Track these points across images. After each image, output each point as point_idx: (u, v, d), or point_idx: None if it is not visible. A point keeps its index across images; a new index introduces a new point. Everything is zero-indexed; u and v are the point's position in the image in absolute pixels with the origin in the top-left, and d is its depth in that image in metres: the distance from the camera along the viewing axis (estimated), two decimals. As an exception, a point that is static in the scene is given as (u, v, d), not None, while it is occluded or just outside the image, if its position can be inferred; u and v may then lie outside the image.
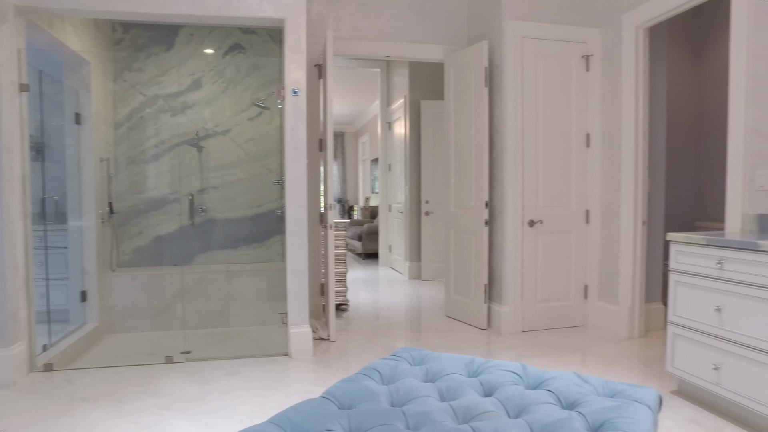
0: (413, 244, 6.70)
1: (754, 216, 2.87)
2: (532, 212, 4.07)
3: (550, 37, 4.05)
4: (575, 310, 4.23)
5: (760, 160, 2.87)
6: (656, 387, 2.89)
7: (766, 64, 2.83)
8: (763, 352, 2.26)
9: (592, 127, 4.19)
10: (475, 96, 4.16)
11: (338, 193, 13.47)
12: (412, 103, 6.60)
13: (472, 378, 1.76)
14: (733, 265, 2.39)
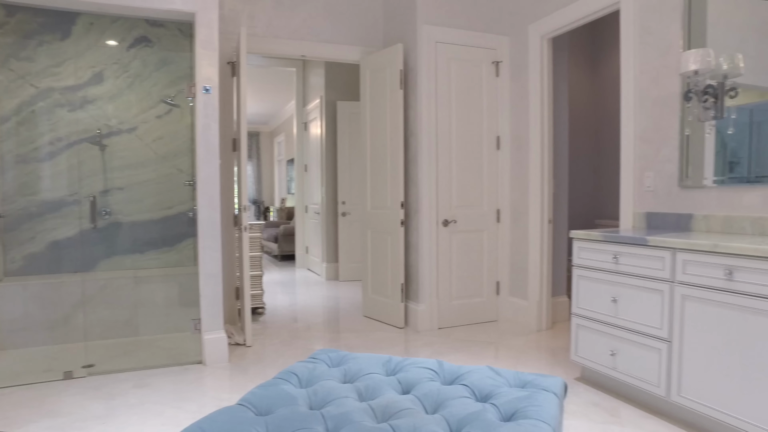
0: (330, 245, 6.68)
1: (642, 214, 3.14)
2: (446, 212, 4.19)
3: (463, 43, 4.19)
4: (488, 305, 4.41)
5: (646, 163, 3.14)
6: (562, 375, 3.08)
7: (650, 78, 3.11)
8: (649, 336, 2.48)
9: (502, 130, 4.38)
10: (391, 98, 4.22)
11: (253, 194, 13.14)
12: (329, 103, 6.58)
13: (390, 377, 1.79)
14: (626, 259, 2.60)
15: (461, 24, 4.21)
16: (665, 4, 3.02)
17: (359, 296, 5.58)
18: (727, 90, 2.67)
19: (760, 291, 2.03)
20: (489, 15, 4.32)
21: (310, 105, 7.21)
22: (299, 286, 6.26)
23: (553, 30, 3.86)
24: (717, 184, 2.75)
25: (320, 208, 6.77)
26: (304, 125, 7.50)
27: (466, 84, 4.24)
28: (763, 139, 2.55)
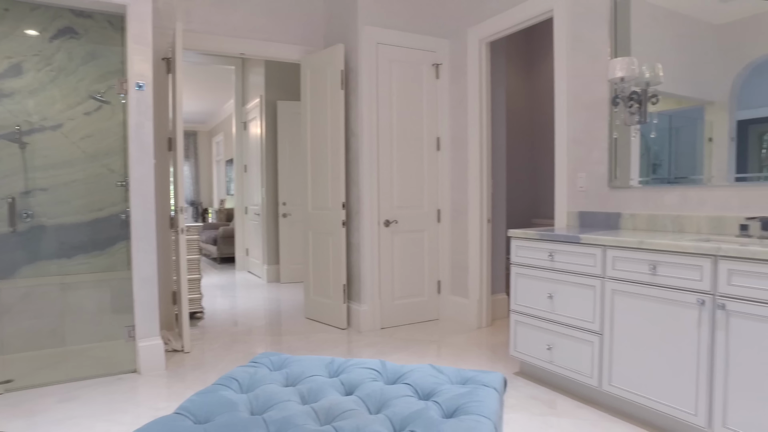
0: (271, 247, 6.57)
1: (576, 213, 3.28)
2: (388, 212, 4.22)
3: (404, 45, 4.23)
4: (430, 304, 4.48)
5: (579, 165, 3.29)
6: (502, 370, 3.17)
7: (580, 83, 3.25)
8: (583, 330, 2.60)
9: (442, 132, 4.46)
10: (332, 98, 4.20)
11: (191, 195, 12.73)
12: (269, 103, 6.47)
13: (333, 378, 1.78)
14: (561, 257, 2.71)
15: (402, 26, 4.25)
16: (594, 14, 3.17)
17: (301, 298, 5.52)
18: (649, 97, 2.84)
19: (680, 284, 2.17)
20: (429, 18, 4.39)
21: (249, 104, 7.07)
22: (239, 288, 6.12)
23: (491, 34, 3.97)
24: (642, 185, 2.92)
25: (260, 209, 6.65)
26: (243, 125, 7.34)
27: (407, 85, 4.29)
28: (681, 144, 2.73)
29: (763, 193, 2.41)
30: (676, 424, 2.30)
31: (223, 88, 8.97)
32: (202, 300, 4.62)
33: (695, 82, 2.65)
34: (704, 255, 2.09)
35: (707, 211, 2.62)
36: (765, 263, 1.90)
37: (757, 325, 1.93)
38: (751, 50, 2.43)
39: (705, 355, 2.10)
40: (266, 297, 5.59)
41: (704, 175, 2.63)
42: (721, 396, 2.05)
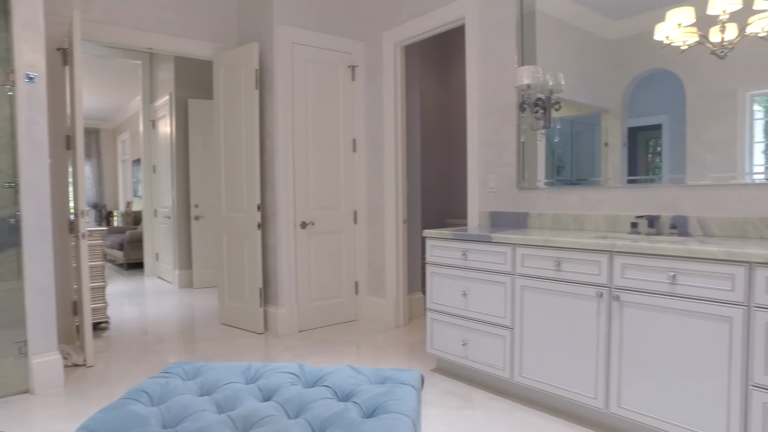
0: (183, 251, 6.29)
1: (487, 213, 3.42)
2: (304, 214, 4.18)
3: (320, 46, 4.21)
4: (348, 305, 4.48)
5: (489, 167, 3.43)
6: (419, 368, 3.24)
7: (490, 89, 3.40)
8: (495, 325, 2.71)
9: (358, 133, 4.48)
10: (246, 98, 4.10)
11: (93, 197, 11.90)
12: (179, 101, 6.19)
13: (250, 384, 1.73)
14: (474, 255, 2.81)
15: (318, 26, 4.22)
16: (502, 23, 3.32)
17: (216, 303, 5.33)
18: (552, 103, 3.02)
19: (581, 278, 2.33)
20: (346, 20, 4.40)
21: (158, 102, 6.72)
22: (149, 296, 5.80)
23: (405, 38, 4.05)
24: (548, 186, 3.10)
25: (171, 212, 6.34)
26: (151, 123, 6.97)
27: (323, 86, 4.27)
28: (582, 148, 2.93)
29: (649, 193, 2.63)
30: (579, 408, 2.46)
31: (129, 83, 8.47)
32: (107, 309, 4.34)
33: (593, 91, 2.86)
34: (602, 251, 2.26)
35: (604, 211, 2.83)
36: (651, 257, 2.09)
37: (645, 313, 2.12)
38: (638, 65, 2.66)
39: (603, 344, 2.26)
40: (178, 303, 5.34)
41: (602, 177, 2.84)
42: (616, 380, 2.23)
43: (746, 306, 1.85)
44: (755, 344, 1.83)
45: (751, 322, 1.84)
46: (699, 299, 1.97)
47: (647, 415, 2.13)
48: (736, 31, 2.30)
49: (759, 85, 2.26)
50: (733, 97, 2.33)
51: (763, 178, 2.26)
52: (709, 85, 2.41)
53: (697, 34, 2.42)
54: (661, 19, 2.54)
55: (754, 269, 1.83)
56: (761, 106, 2.26)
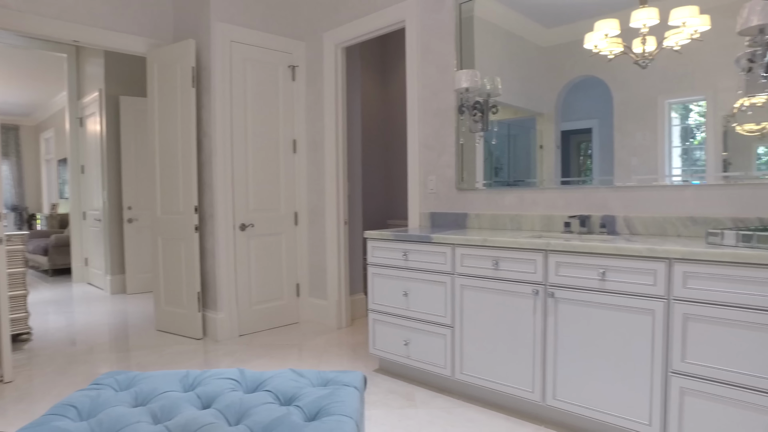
0: (115, 255, 6.01)
1: (427, 214, 3.48)
2: (244, 216, 4.10)
3: (259, 45, 4.14)
4: (289, 308, 4.43)
5: (430, 168, 3.49)
6: (362, 369, 3.25)
7: (430, 91, 3.46)
8: (437, 324, 2.77)
9: (298, 134, 4.44)
10: (182, 96, 3.97)
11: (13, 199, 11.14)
12: (110, 98, 5.91)
13: (188, 392, 1.68)
14: (414, 256, 2.85)
15: (258, 25, 4.15)
16: (442, 27, 3.39)
17: (151, 309, 5.12)
18: (490, 107, 3.11)
19: (518, 276, 2.41)
20: (286, 19, 4.35)
21: (86, 98, 6.39)
22: (78, 303, 5.50)
23: (346, 40, 4.05)
24: (486, 187, 3.19)
25: (102, 215, 6.04)
26: (79, 120, 6.62)
27: (263, 86, 4.20)
28: (518, 150, 3.03)
29: (581, 194, 2.77)
30: (518, 402, 2.55)
31: (53, 77, 7.99)
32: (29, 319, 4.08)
33: (528, 95, 2.97)
34: (537, 250, 2.35)
35: (540, 211, 2.94)
36: (582, 255, 2.19)
37: (578, 308, 2.22)
38: (570, 71, 2.78)
39: (539, 339, 2.36)
40: (110, 310, 5.10)
41: (537, 178, 2.95)
42: (552, 373, 2.32)
43: (666, 299, 1.98)
44: (673, 334, 1.96)
45: (670, 313, 1.97)
46: (625, 294, 2.09)
47: (580, 405, 2.24)
48: (655, 44, 2.46)
49: (675, 94, 2.42)
50: (654, 105, 2.49)
51: (680, 180, 2.43)
52: (633, 93, 2.56)
53: (622, 44, 2.56)
54: (590, 29, 2.68)
55: (673, 265, 1.96)
56: (677, 113, 2.43)
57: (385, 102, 5.90)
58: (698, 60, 2.35)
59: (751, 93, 2.10)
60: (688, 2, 2.36)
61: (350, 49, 4.41)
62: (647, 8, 2.45)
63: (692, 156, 2.40)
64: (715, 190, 2.34)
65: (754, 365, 1.80)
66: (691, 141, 2.40)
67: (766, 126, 2.20)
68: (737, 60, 2.12)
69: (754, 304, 1.79)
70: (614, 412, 2.14)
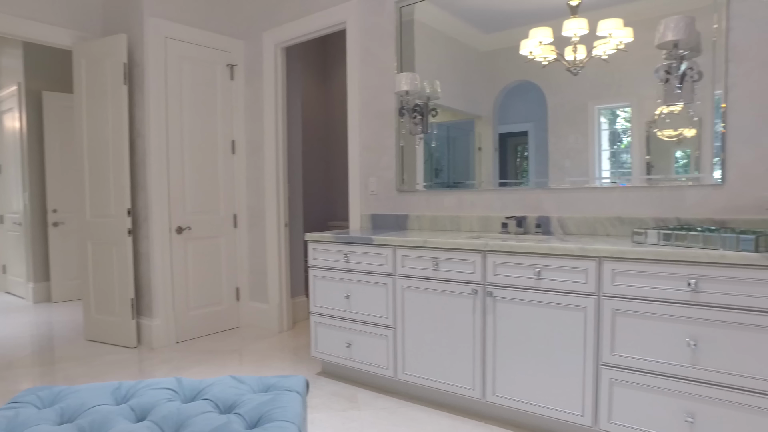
0: (38, 262, 5.65)
1: (368, 215, 3.49)
2: (180, 218, 3.96)
3: (196, 42, 4.01)
4: (229, 312, 4.32)
5: (370, 170, 3.51)
6: (304, 372, 3.21)
7: (371, 93, 3.48)
8: (378, 325, 2.78)
9: (237, 135, 4.34)
10: (113, 94, 3.79)
11: None
12: (31, 93, 5.54)
13: (121, 405, 1.61)
14: (356, 258, 2.85)
15: (194, 22, 4.02)
16: (382, 30, 3.41)
17: (80, 318, 4.85)
18: (429, 110, 3.16)
19: (458, 277, 2.47)
20: (224, 17, 4.24)
21: (2, 92, 5.96)
22: (-6, 313, 5.13)
23: (286, 40, 4.00)
24: (426, 189, 3.24)
25: (23, 218, 5.66)
26: (-5, 117, 6.17)
27: (200, 85, 4.08)
28: (457, 152, 3.10)
29: (518, 196, 2.86)
30: (459, 400, 2.60)
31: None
32: (-60, 331, 3.76)
33: (467, 98, 3.04)
34: (476, 250, 2.41)
35: (478, 212, 3.02)
36: (519, 255, 2.27)
37: (515, 307, 2.30)
38: (507, 76, 2.88)
39: (479, 337, 2.42)
40: (33, 321, 4.79)
41: (476, 180, 3.03)
42: (491, 370, 2.39)
43: (597, 295, 2.09)
44: (603, 328, 2.07)
45: (600, 309, 2.08)
46: (560, 291, 2.18)
47: (519, 400, 2.31)
48: (585, 53, 2.58)
49: (604, 100, 2.55)
50: (585, 110, 2.61)
51: (609, 182, 2.56)
52: (566, 98, 2.67)
53: (555, 52, 2.67)
54: (526, 36, 2.77)
55: (603, 263, 2.06)
56: (606, 118, 2.56)
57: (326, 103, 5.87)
58: (624, 69, 2.49)
59: (669, 102, 2.25)
60: (613, 15, 2.49)
61: (291, 50, 4.36)
62: (578, 19, 2.57)
63: (620, 159, 2.54)
64: (639, 191, 2.49)
65: (672, 354, 1.92)
66: (619, 145, 2.54)
67: (682, 132, 2.36)
68: (656, 71, 2.26)
69: (672, 298, 1.92)
70: (550, 405, 2.23)
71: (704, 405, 1.88)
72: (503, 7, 2.86)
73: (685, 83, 2.20)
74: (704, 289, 1.86)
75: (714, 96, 2.27)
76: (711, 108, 2.29)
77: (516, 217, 2.77)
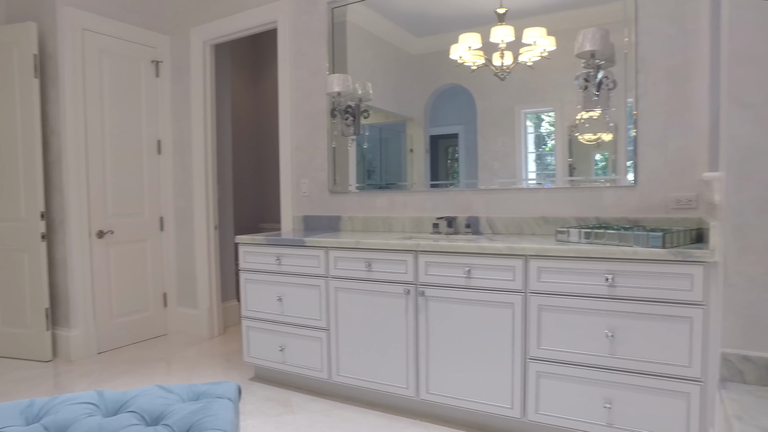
0: (-62, 270, 5.16)
1: (300, 217, 3.46)
2: (101, 222, 3.75)
3: (118, 36, 3.81)
4: (156, 319, 4.14)
5: (302, 171, 3.48)
6: (236, 378, 3.13)
7: (303, 94, 3.45)
8: (312, 328, 2.76)
9: (163, 134, 4.17)
10: (22, 87, 3.52)
11: None
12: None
13: (33, 425, 1.50)
14: (288, 260, 2.82)
15: (115, 14, 3.82)
16: (315, 31, 3.39)
17: (-15, 330, 4.48)
18: (362, 111, 3.17)
19: (391, 277, 2.49)
20: (149, 10, 4.05)
21: None
22: None
23: (215, 37, 3.88)
24: (359, 190, 3.24)
25: None
26: None
27: (123, 81, 3.88)
28: (390, 153, 3.13)
29: (448, 196, 2.93)
30: (394, 399, 2.62)
31: None
32: None
33: (399, 100, 3.07)
34: (407, 251, 2.44)
35: (410, 213, 3.06)
36: (450, 255, 2.33)
37: (447, 305, 2.35)
38: (438, 79, 2.94)
39: (412, 336, 2.45)
40: (-70, 334, 4.36)
41: (408, 181, 3.07)
42: (425, 368, 2.43)
43: (524, 292, 2.17)
44: (530, 324, 2.16)
45: (527, 305, 2.16)
46: (489, 289, 2.25)
47: (452, 396, 2.37)
48: (512, 59, 2.68)
49: (529, 105, 2.66)
50: (512, 114, 2.71)
51: (534, 183, 2.68)
52: (494, 102, 2.76)
53: (484, 57, 2.76)
54: (455, 41, 2.84)
55: (529, 261, 2.15)
56: (531, 122, 2.67)
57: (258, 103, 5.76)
58: (547, 75, 2.61)
59: (588, 108, 2.39)
60: (537, 24, 2.61)
61: (220, 47, 4.23)
62: (504, 26, 2.67)
63: (545, 161, 2.66)
64: (562, 192, 2.62)
65: (592, 346, 2.04)
66: (544, 147, 2.66)
67: (600, 136, 2.50)
68: (576, 78, 2.38)
69: (592, 293, 2.03)
70: (482, 399, 2.29)
71: (620, 391, 2.00)
72: (434, 12, 2.91)
73: (602, 91, 2.33)
74: (620, 283, 1.98)
75: (627, 103, 2.43)
76: (624, 114, 2.44)
77: (447, 218, 2.83)
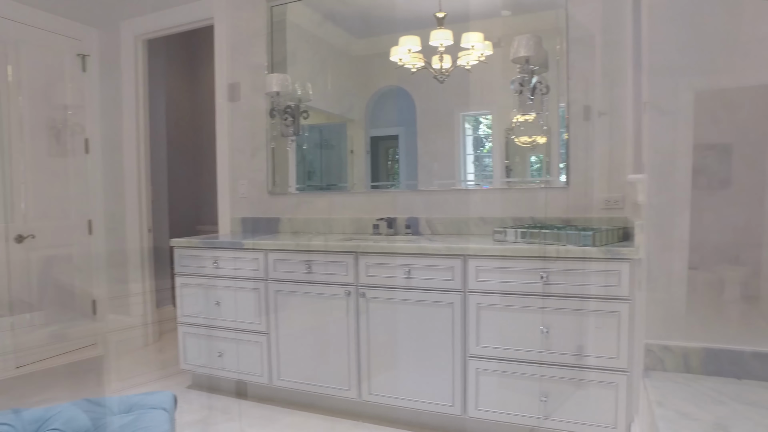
0: None
1: (238, 219, 3.38)
2: (20, 225, 3.51)
3: (37, 25, 3.57)
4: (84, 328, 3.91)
5: (240, 172, 3.40)
6: (173, 387, 3.01)
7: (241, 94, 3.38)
8: (252, 332, 2.70)
9: (91, 132, 3.95)
10: (-68, 81, 3.25)
11: None
12: None
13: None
14: (226, 263, 2.74)
15: (36, 2, 3.58)
16: (253, 28, 3.32)
17: None
18: (301, 112, 3.14)
19: (331, 279, 2.47)
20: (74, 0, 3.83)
21: None
22: None
23: (148, 32, 3.73)
24: (299, 191, 3.20)
25: None
26: None
27: (44, 75, 3.64)
28: (330, 155, 3.11)
29: (389, 197, 2.94)
30: (336, 402, 2.60)
31: None
32: None
33: (340, 101, 3.06)
34: (348, 252, 2.43)
35: (350, 214, 3.05)
36: (390, 255, 2.34)
37: (388, 306, 2.36)
38: (378, 80, 2.95)
39: (353, 338, 2.44)
40: None
41: (348, 182, 3.06)
42: (366, 370, 2.43)
43: (462, 292, 2.21)
44: (469, 322, 2.20)
45: (466, 304, 2.21)
46: (429, 289, 2.28)
47: (394, 396, 2.38)
48: (451, 62, 2.73)
49: (468, 108, 2.72)
50: (451, 116, 2.76)
51: (473, 184, 2.73)
52: (434, 104, 2.80)
53: (423, 60, 2.79)
54: (396, 43, 2.86)
55: (467, 261, 2.20)
56: (470, 124, 2.73)
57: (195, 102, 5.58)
58: (485, 79, 2.68)
59: (523, 111, 2.47)
60: (475, 29, 2.67)
61: (154, 42, 4.06)
62: (443, 30, 2.71)
63: (483, 163, 2.73)
64: (499, 193, 2.69)
65: (526, 341, 2.10)
66: (482, 149, 2.72)
67: (535, 139, 2.59)
68: (512, 82, 2.46)
69: (528, 291, 2.10)
70: (424, 398, 2.32)
71: (555, 384, 2.08)
72: (374, 14, 2.92)
73: (536, 95, 2.42)
74: (554, 281, 2.05)
75: (559, 108, 2.53)
76: (557, 118, 2.54)
77: (387, 219, 2.84)
